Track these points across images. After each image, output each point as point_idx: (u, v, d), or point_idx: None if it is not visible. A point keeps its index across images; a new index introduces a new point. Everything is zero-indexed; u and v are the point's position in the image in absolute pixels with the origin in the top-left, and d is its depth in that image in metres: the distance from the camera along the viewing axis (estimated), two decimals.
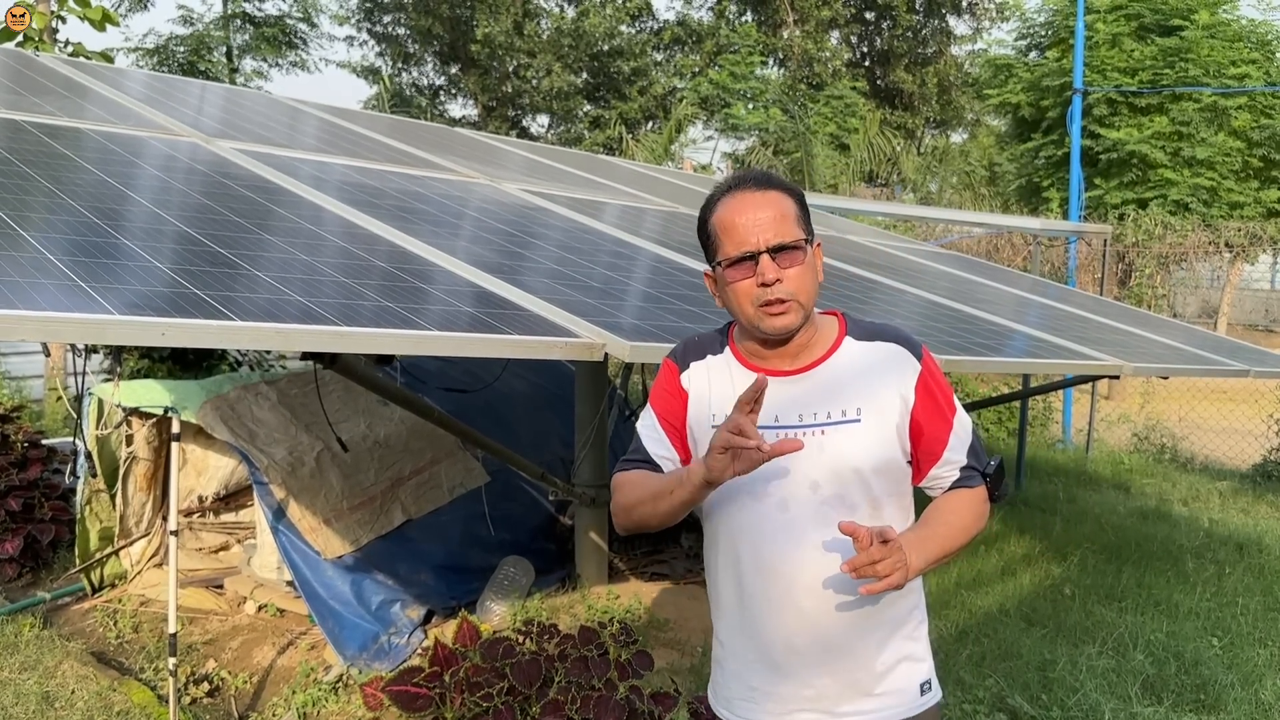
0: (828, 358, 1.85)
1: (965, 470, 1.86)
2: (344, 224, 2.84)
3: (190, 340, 1.56)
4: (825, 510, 1.78)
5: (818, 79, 27.54)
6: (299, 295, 1.91)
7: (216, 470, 5.45)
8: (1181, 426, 9.73)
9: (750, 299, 1.78)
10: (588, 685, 2.42)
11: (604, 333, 2.20)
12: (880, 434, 1.81)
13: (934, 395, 1.84)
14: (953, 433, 1.85)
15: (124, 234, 2.14)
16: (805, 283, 1.79)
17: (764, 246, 1.76)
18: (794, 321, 1.78)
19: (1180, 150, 14.46)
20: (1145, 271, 11.71)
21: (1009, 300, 5.52)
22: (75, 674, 4.23)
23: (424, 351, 1.80)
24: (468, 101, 26.15)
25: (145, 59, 16.10)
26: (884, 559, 1.65)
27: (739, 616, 1.88)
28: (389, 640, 4.36)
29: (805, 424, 1.80)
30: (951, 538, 1.83)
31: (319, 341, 1.69)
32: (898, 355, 1.85)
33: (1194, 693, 4.03)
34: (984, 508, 1.89)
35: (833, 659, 1.83)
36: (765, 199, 1.79)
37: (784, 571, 1.81)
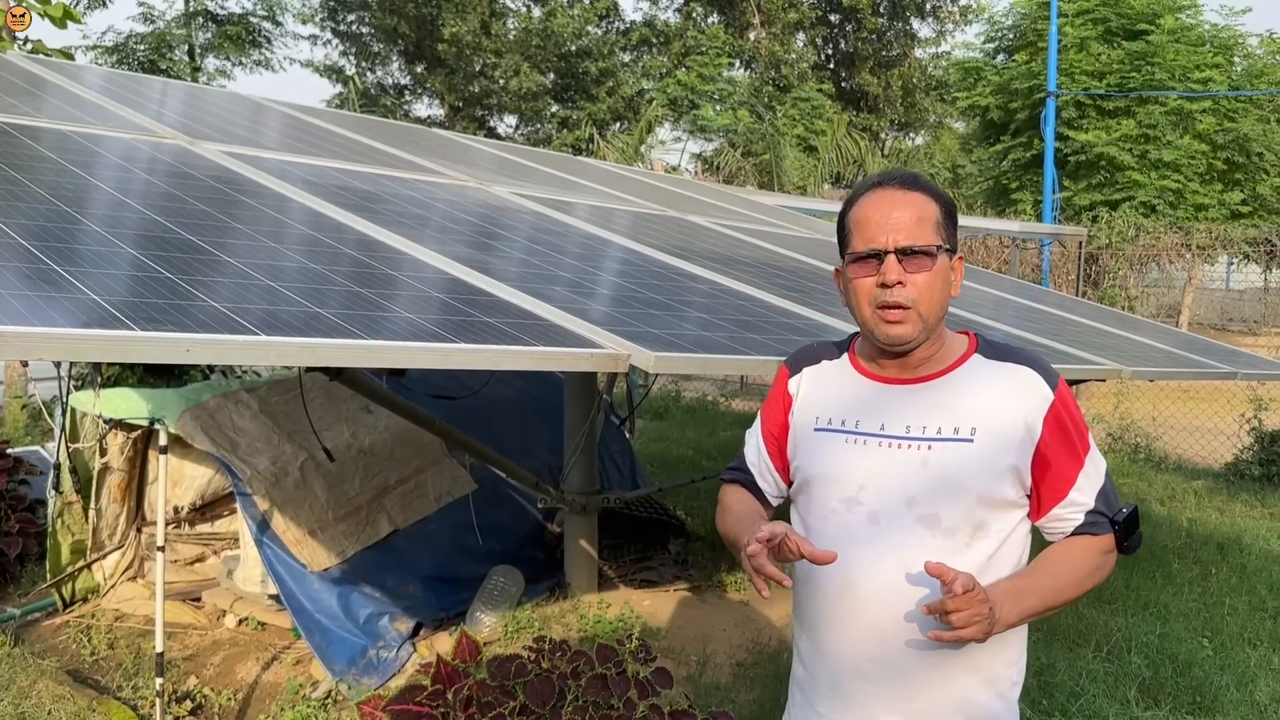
0: (950, 371, 1.74)
1: (1092, 515, 1.70)
2: (361, 239, 2.75)
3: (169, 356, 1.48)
4: (918, 529, 1.66)
5: (785, 81, 27.65)
6: (313, 305, 1.82)
7: (192, 481, 5.30)
8: (1155, 426, 9.83)
9: (869, 299, 1.69)
10: (605, 704, 2.35)
11: (627, 343, 2.14)
12: (993, 460, 1.66)
13: (1066, 428, 1.69)
14: (1083, 472, 1.70)
15: (76, 239, 2.04)
16: (932, 293, 1.68)
17: (892, 246, 1.67)
18: (910, 333, 1.67)
19: (1147, 153, 14.65)
20: (1118, 273, 11.83)
21: (991, 302, 5.51)
22: (51, 693, 4.08)
23: (451, 365, 1.73)
24: (434, 101, 25.95)
25: (104, 57, 15.77)
26: (961, 610, 1.52)
27: (818, 634, 1.77)
28: (378, 654, 4.26)
29: (911, 436, 1.69)
30: (1058, 591, 1.67)
31: (344, 357, 1.60)
32: (1030, 381, 1.70)
33: (1191, 695, 4.03)
34: (1106, 559, 1.72)
35: (904, 697, 1.69)
36: (907, 199, 1.70)
37: (863, 589, 1.69)
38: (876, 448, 1.71)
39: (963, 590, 1.51)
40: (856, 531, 1.70)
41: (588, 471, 4.97)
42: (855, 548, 1.69)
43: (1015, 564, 1.73)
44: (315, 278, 2.09)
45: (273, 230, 2.51)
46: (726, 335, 2.54)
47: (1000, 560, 1.70)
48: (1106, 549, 1.72)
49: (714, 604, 5.07)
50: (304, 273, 2.12)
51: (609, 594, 5.06)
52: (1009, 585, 1.64)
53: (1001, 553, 1.70)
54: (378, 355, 1.63)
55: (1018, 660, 1.77)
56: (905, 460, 1.69)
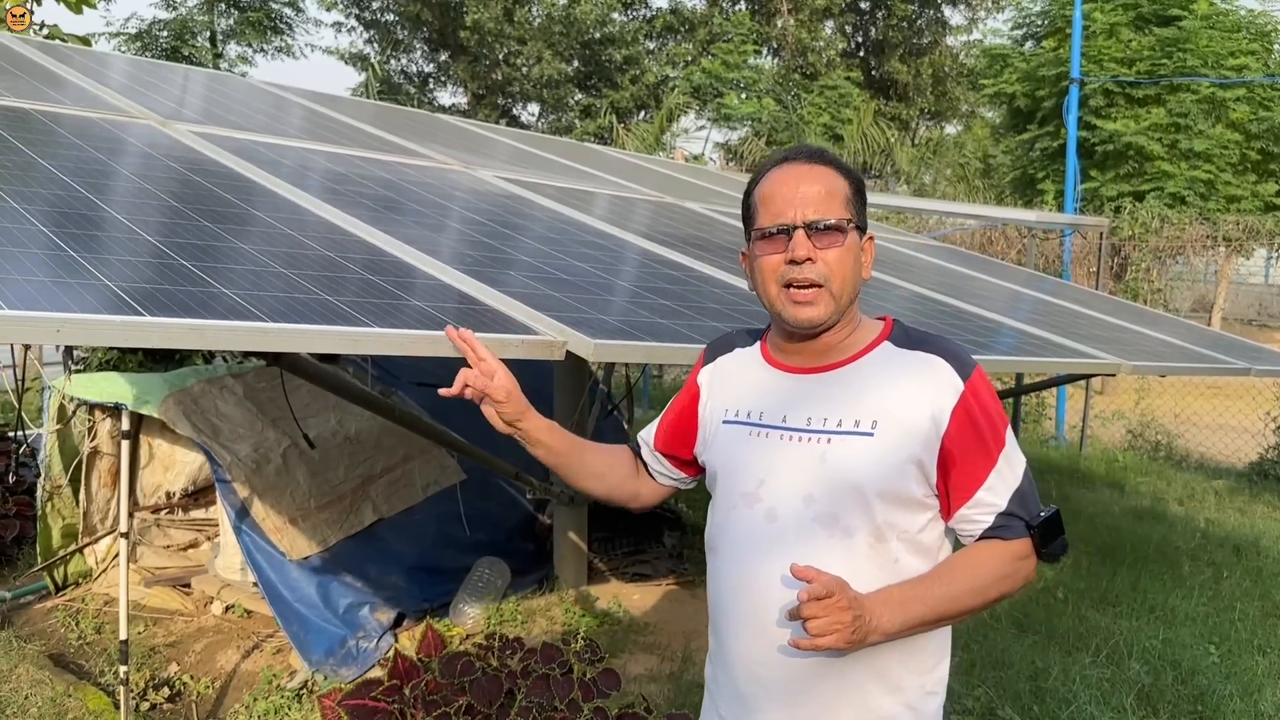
0: (855, 360, 1.63)
1: (1004, 517, 1.57)
2: (290, 207, 2.67)
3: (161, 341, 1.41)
4: (815, 529, 1.57)
5: (812, 69, 27.33)
6: (232, 290, 1.74)
7: (184, 466, 5.26)
8: (1176, 423, 9.60)
9: (776, 276, 1.59)
10: (549, 706, 2.26)
11: (566, 329, 2.04)
12: (894, 455, 1.55)
13: (976, 422, 1.57)
14: (994, 470, 1.57)
15: (84, 226, 1.97)
16: (843, 269, 1.57)
17: (800, 221, 1.57)
18: (821, 315, 1.57)
19: (1177, 142, 14.30)
20: (1141, 265, 11.56)
21: (1003, 295, 5.36)
22: (31, 678, 4.06)
23: (360, 350, 1.64)
24: (457, 89, 25.88)
25: (128, 44, 15.84)
26: (817, 617, 1.43)
27: (718, 634, 1.72)
28: (357, 645, 4.20)
29: (812, 429, 1.60)
30: (955, 599, 1.55)
31: (243, 340, 1.51)
32: (939, 370, 1.59)
33: (1191, 703, 3.88)
34: (1020, 565, 1.58)
35: (801, 703, 1.60)
36: (814, 173, 1.61)
37: (757, 589, 1.61)
38: (778, 440, 1.62)
39: (818, 596, 1.43)
40: (754, 530, 1.62)
41: None
42: (752, 547, 1.62)
43: (921, 566, 1.60)
44: (249, 259, 2.00)
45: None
46: (686, 323, 2.43)
47: (907, 565, 1.59)
48: (1020, 554, 1.58)
49: (705, 599, 4.97)
50: (239, 254, 2.03)
51: (598, 587, 4.97)
52: (893, 591, 1.54)
53: (909, 556, 1.59)
54: (275, 339, 1.54)
55: (933, 669, 1.65)
56: (804, 454, 1.60)
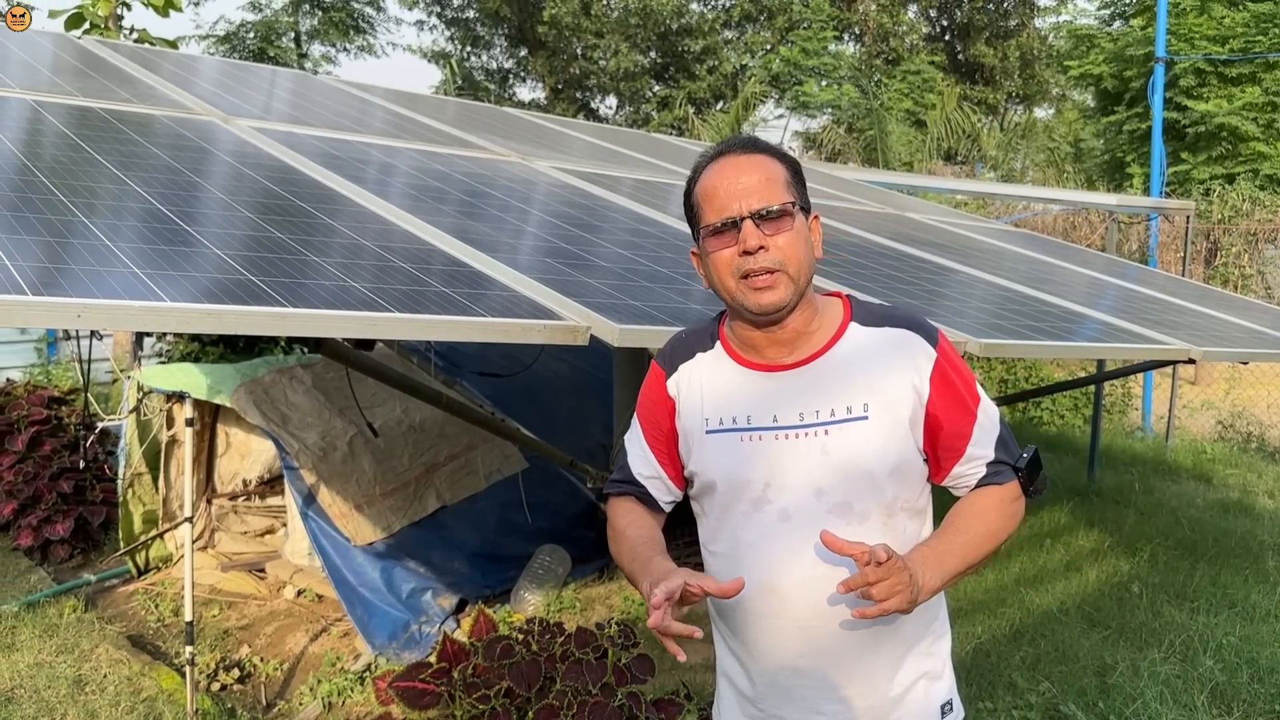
0: (830, 347, 1.65)
1: (994, 465, 1.65)
2: (317, 186, 2.72)
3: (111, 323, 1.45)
4: (831, 520, 1.59)
5: (894, 54, 26.87)
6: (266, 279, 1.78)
7: (260, 454, 5.43)
8: (1270, 413, 9.21)
9: (731, 270, 1.59)
10: (584, 690, 2.28)
11: (591, 314, 2.04)
12: (892, 431, 1.60)
13: (953, 384, 1.62)
14: (977, 425, 1.64)
15: (185, 220, 2.05)
16: (796, 251, 1.58)
17: (746, 212, 1.57)
18: (783, 297, 1.57)
19: (1274, 122, 13.69)
20: (1232, 250, 11.10)
21: (1078, 281, 5.21)
22: (109, 658, 4.23)
23: (378, 335, 1.67)
24: (536, 84, 26.11)
25: (216, 46, 16.36)
26: (881, 581, 1.45)
27: (744, 635, 1.70)
28: (419, 629, 4.28)
29: (806, 424, 1.61)
30: (976, 546, 1.61)
31: (255, 324, 1.56)
32: (909, 342, 1.63)
33: (1267, 703, 3.73)
34: (1016, 506, 1.67)
35: (842, 683, 1.65)
36: (750, 163, 1.61)
37: (785, 588, 1.62)
38: (774, 441, 1.62)
39: (884, 559, 1.44)
40: (769, 531, 1.62)
41: None
42: (770, 548, 1.62)
43: (924, 531, 1.69)
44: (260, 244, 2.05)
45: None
46: (721, 308, 2.42)
47: (912, 532, 1.65)
48: (1014, 496, 1.67)
49: None
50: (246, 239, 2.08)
51: None
52: (926, 550, 1.58)
53: (911, 523, 1.66)
54: (290, 323, 1.58)
55: (938, 615, 1.74)
56: (805, 450, 1.60)
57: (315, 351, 2.20)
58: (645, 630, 4.33)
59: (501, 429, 3.59)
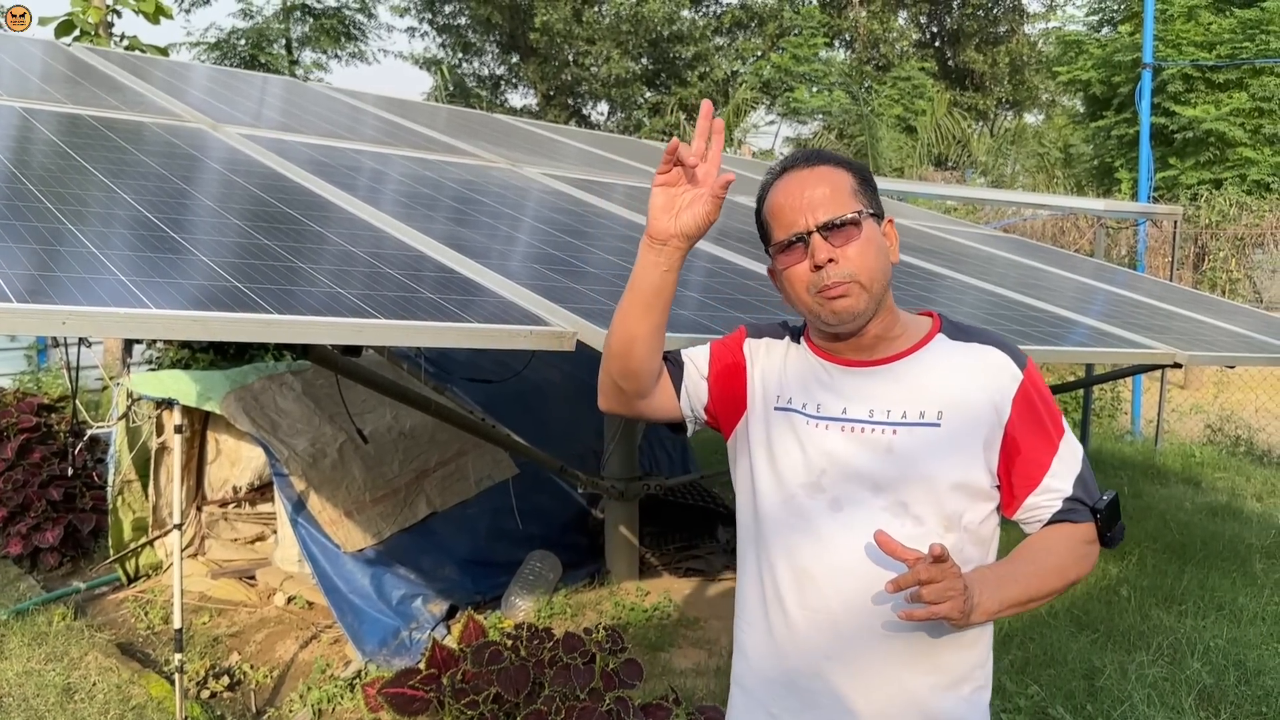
0: (913, 351, 1.63)
1: (1070, 502, 1.58)
2: (303, 190, 2.73)
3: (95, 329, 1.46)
4: (885, 518, 1.55)
5: (884, 60, 26.98)
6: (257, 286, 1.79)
7: (250, 461, 5.42)
8: (1259, 417, 9.26)
9: (806, 286, 1.58)
10: (572, 695, 2.28)
11: (578, 320, 2.05)
12: (962, 445, 1.56)
13: (1036, 410, 1.59)
14: (1057, 457, 1.58)
15: (174, 228, 2.05)
16: (866, 260, 1.55)
17: (813, 225, 1.55)
18: (857, 305, 1.55)
19: (1261, 127, 13.78)
20: (1220, 255, 11.17)
21: (1066, 286, 5.24)
22: (99, 665, 4.22)
23: (364, 341, 1.68)
24: (528, 91, 26.14)
25: (207, 53, 16.35)
26: (934, 582, 1.40)
27: (765, 627, 1.65)
28: (410, 636, 4.28)
29: (875, 420, 1.58)
30: (1041, 578, 1.54)
31: (241, 331, 1.56)
32: (997, 361, 1.61)
33: (1255, 704, 3.75)
34: (1089, 549, 1.59)
35: (866, 696, 1.58)
36: (815, 175, 1.60)
37: (824, 580, 1.58)
38: (839, 433, 1.59)
39: (934, 558, 1.39)
40: (817, 519, 1.59)
41: (628, 457, 4.90)
42: (815, 536, 1.59)
43: (986, 558, 1.62)
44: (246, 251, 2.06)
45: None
46: (707, 314, 2.43)
47: (969, 556, 1.58)
48: (1088, 539, 1.59)
49: None
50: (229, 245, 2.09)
51: (649, 582, 4.99)
52: (988, 571, 1.53)
53: (970, 548, 1.59)
54: (275, 330, 1.59)
55: (983, 663, 1.65)
56: (869, 446, 1.58)
57: (303, 358, 2.21)
58: (633, 635, 4.35)
59: (490, 434, 3.59)
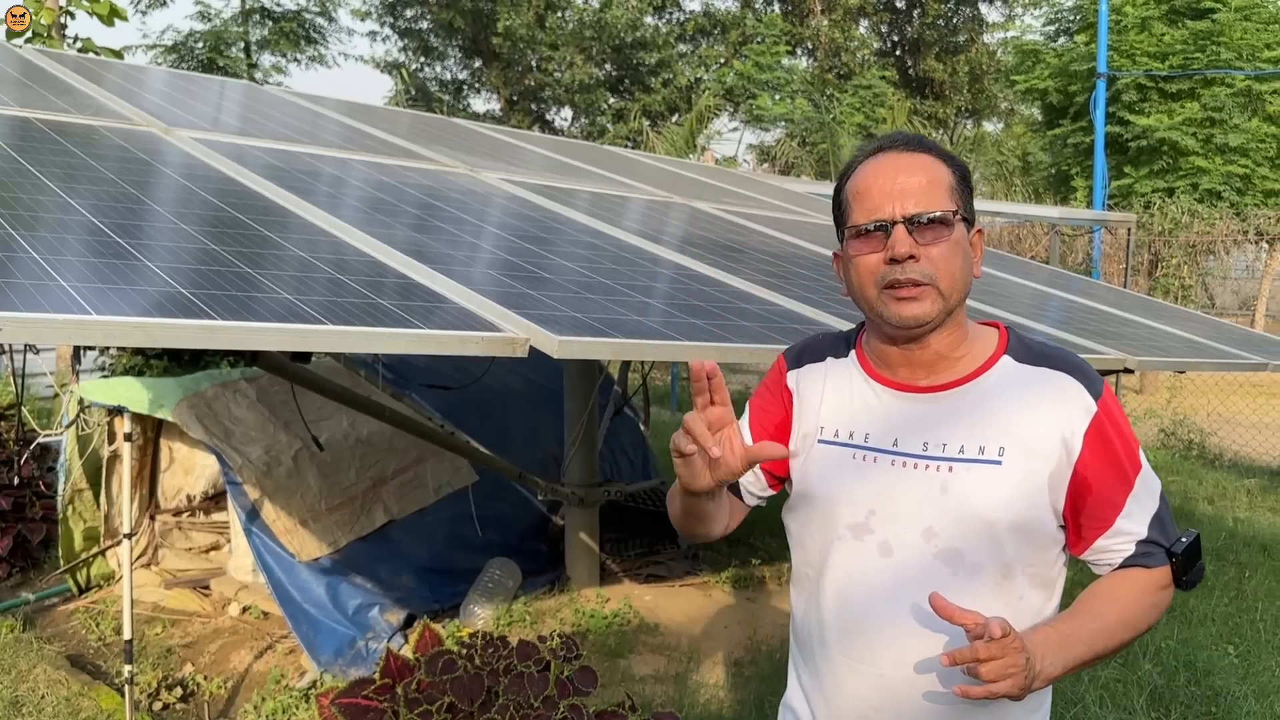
0: (975, 377, 1.47)
1: (1145, 545, 1.44)
2: (257, 195, 2.70)
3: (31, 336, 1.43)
4: (937, 566, 1.43)
5: (846, 69, 27.20)
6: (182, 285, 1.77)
7: (204, 469, 5.35)
8: (1210, 421, 9.42)
9: (875, 278, 1.42)
10: (526, 704, 2.27)
11: (531, 325, 2.05)
12: (1025, 484, 1.42)
13: (1111, 445, 1.42)
14: (1132, 495, 1.44)
15: (122, 234, 2.01)
16: (951, 266, 1.41)
17: (900, 215, 1.40)
18: (928, 312, 1.40)
19: (1212, 137, 14.05)
20: (1172, 262, 11.37)
21: (1021, 293, 5.30)
22: (47, 678, 4.14)
23: (310, 347, 1.66)
24: (491, 96, 26.06)
25: (163, 56, 16.14)
26: (994, 660, 1.26)
27: (818, 672, 1.55)
28: (366, 645, 4.24)
29: (930, 455, 1.44)
30: (1108, 634, 1.40)
31: (183, 338, 1.54)
32: (1068, 389, 1.44)
33: (1205, 704, 3.81)
34: (1162, 595, 1.46)
35: None
36: (914, 161, 1.44)
37: (871, 628, 1.47)
38: (889, 467, 1.47)
39: (999, 635, 1.26)
40: (865, 564, 1.48)
41: (588, 463, 4.89)
42: (864, 583, 1.48)
43: (1048, 603, 1.49)
44: (199, 256, 2.03)
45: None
46: (662, 320, 2.43)
47: (1030, 601, 1.47)
48: (1163, 584, 1.46)
49: (719, 600, 4.96)
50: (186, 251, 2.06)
51: (610, 588, 4.98)
52: (1050, 631, 1.38)
53: (1032, 592, 1.47)
54: (219, 336, 1.57)
55: (1041, 705, 1.54)
56: (922, 483, 1.45)
57: (252, 364, 2.18)
58: (593, 642, 4.34)
59: (448, 441, 3.57)
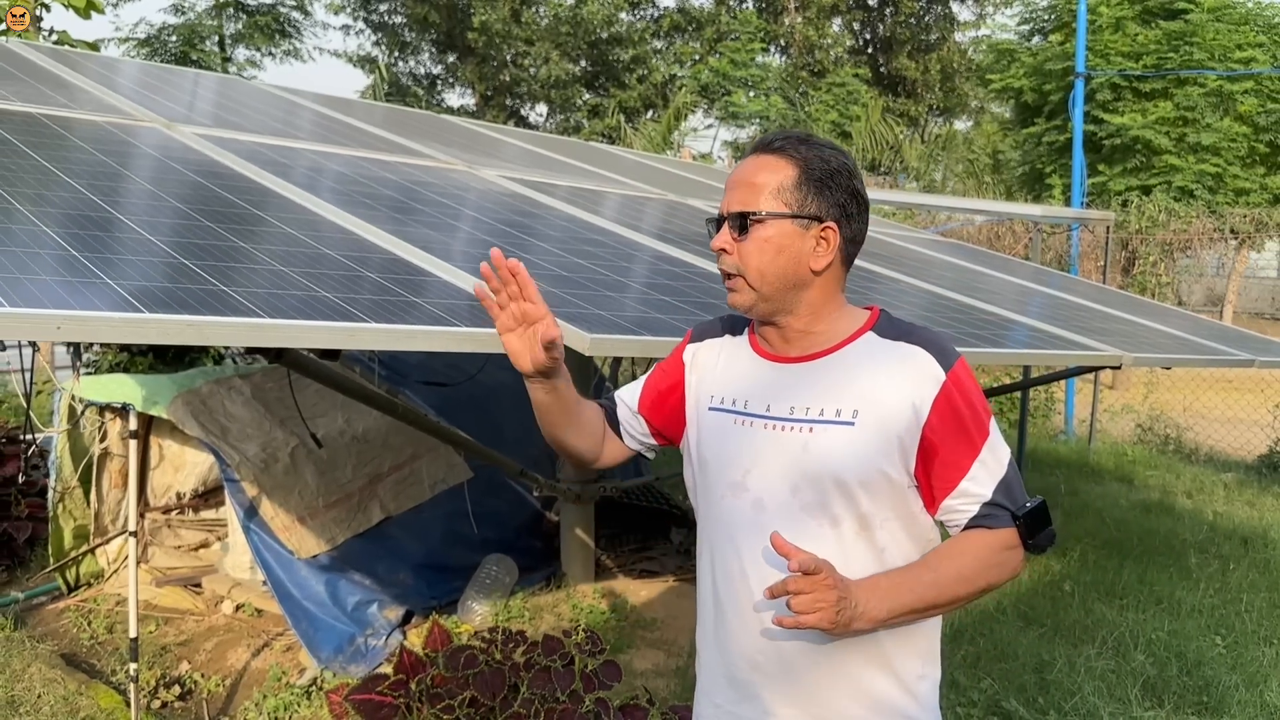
0: (836, 349, 1.64)
1: (989, 507, 1.57)
2: (302, 211, 2.70)
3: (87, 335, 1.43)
4: (803, 518, 1.58)
5: (819, 66, 27.31)
6: (235, 289, 1.77)
7: (194, 466, 5.31)
8: (1186, 417, 9.58)
9: None
10: (552, 698, 2.28)
11: (562, 324, 2.06)
12: (875, 444, 1.56)
13: (958, 413, 1.56)
14: (978, 461, 1.57)
15: (95, 227, 2.00)
16: (757, 260, 1.58)
17: (725, 211, 1.62)
18: (746, 301, 1.61)
19: (1185, 136, 14.26)
20: (1149, 259, 11.55)
21: (1008, 289, 5.37)
22: (43, 677, 4.10)
23: (358, 345, 1.66)
24: (465, 91, 25.95)
25: (137, 49, 15.93)
26: (803, 593, 1.42)
27: (710, 623, 1.72)
28: (365, 642, 4.23)
29: (794, 418, 1.61)
30: (940, 587, 1.55)
31: (240, 336, 1.54)
32: (920, 361, 1.59)
33: (1196, 694, 3.89)
34: (1006, 555, 1.58)
35: (798, 688, 1.62)
36: (759, 162, 1.62)
37: (749, 578, 1.62)
38: (762, 430, 1.63)
39: (801, 570, 1.42)
40: (743, 518, 1.64)
41: None
42: (743, 535, 1.63)
43: (912, 555, 1.62)
44: (256, 258, 2.03)
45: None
46: (682, 318, 2.45)
47: (896, 553, 1.60)
48: (1007, 544, 1.59)
49: None
50: (243, 252, 2.06)
51: (605, 584, 5.00)
52: (881, 579, 1.55)
53: (897, 545, 1.61)
54: (269, 334, 1.57)
55: (924, 651, 1.66)
56: (787, 443, 1.60)
57: (276, 361, 2.18)
58: (628, 628, 4.35)
59: (456, 439, 3.57)
